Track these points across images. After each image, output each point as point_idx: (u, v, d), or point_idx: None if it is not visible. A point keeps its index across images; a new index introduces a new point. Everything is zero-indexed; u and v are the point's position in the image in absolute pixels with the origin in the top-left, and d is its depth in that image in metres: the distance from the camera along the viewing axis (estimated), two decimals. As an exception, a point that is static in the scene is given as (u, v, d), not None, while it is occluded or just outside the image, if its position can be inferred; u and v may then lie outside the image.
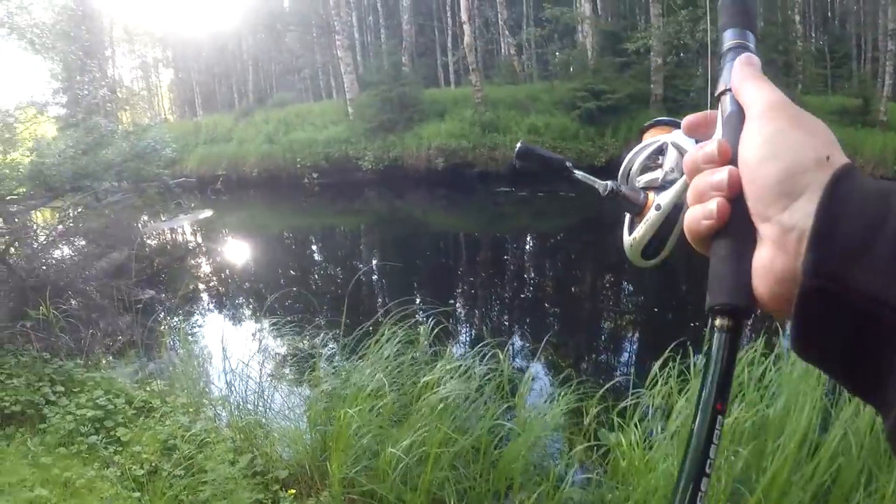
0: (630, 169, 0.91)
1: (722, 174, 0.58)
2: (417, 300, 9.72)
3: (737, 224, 0.57)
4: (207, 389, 5.80)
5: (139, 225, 15.99)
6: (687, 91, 21.45)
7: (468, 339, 8.39)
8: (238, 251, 16.09)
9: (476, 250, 15.08)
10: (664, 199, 0.82)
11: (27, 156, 13.47)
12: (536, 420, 4.19)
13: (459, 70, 32.74)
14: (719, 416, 0.55)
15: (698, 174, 0.61)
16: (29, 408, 5.04)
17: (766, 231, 0.54)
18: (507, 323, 9.81)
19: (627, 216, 0.89)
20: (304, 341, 6.85)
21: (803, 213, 0.51)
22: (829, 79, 26.93)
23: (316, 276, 13.48)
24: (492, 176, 21.15)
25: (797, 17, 25.24)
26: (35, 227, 12.33)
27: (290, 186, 22.80)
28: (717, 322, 0.56)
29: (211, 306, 11.06)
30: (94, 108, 19.16)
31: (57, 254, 9.81)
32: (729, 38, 0.69)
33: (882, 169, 17.50)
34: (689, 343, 4.39)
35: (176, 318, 9.51)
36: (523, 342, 8.45)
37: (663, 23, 21.85)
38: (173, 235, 17.21)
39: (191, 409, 5.27)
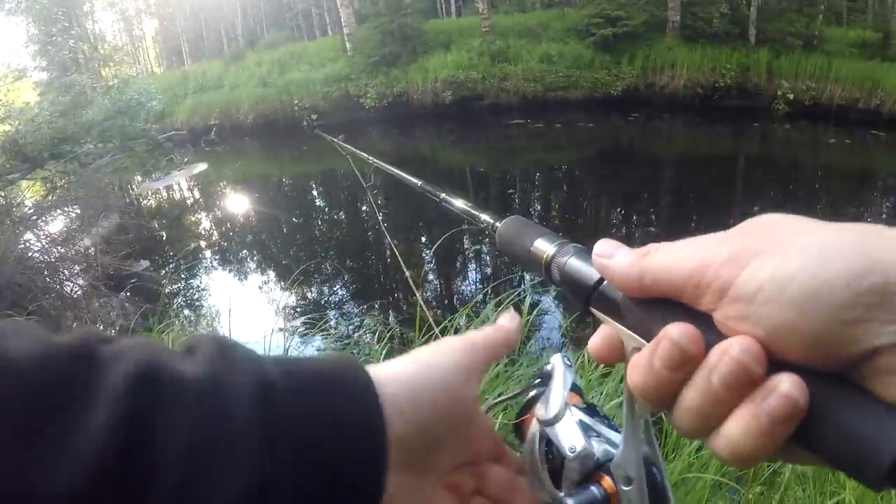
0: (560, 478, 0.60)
1: (733, 354, 0.38)
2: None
3: (821, 387, 0.36)
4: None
5: (133, 186, 14.98)
6: (707, 19, 20.44)
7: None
8: (238, 206, 14.87)
9: (486, 187, 14.06)
10: (626, 465, 0.54)
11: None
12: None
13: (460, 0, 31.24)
14: None
15: (679, 389, 0.41)
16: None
17: (875, 367, 0.35)
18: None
19: None
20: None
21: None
22: (844, 12, 25.70)
23: (323, 229, 12.50)
24: (503, 108, 20.12)
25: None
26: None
27: (288, 130, 21.44)
28: None
29: (213, 275, 9.96)
30: (71, 65, 17.99)
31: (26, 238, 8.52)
32: (545, 246, 0.60)
33: (904, 105, 17.12)
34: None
35: (176, 294, 8.52)
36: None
37: (684, -56, 20.67)
38: (170, 193, 16.06)
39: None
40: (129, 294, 7.23)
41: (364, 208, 13.45)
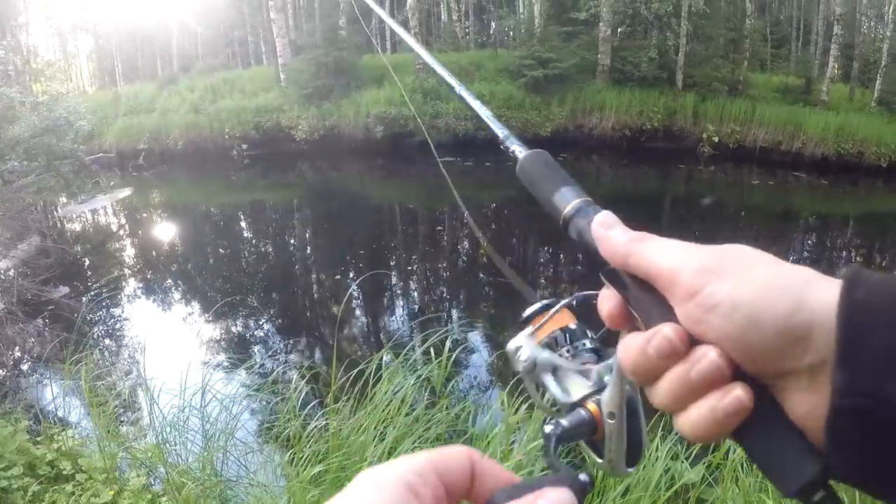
0: (552, 395, 0.67)
1: (711, 358, 0.48)
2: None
3: (758, 400, 0.48)
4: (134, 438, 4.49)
5: (57, 208, 14.72)
6: (636, 63, 21.37)
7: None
8: (162, 235, 14.76)
9: (415, 223, 14.58)
10: (612, 404, 0.62)
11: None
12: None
13: (396, 36, 31.50)
14: None
15: (662, 373, 0.51)
16: None
17: (793, 384, 0.47)
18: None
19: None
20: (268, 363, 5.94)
21: (826, 342, 0.45)
22: (768, 59, 27.55)
23: (250, 260, 12.45)
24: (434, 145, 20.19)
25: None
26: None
27: (218, 159, 21.28)
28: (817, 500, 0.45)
29: (135, 305, 9.82)
30: (1, 77, 17.59)
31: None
32: (567, 200, 0.66)
33: (823, 146, 18.30)
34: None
35: (96, 322, 8.42)
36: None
37: (615, -10, 21.45)
38: (94, 218, 15.80)
39: (109, 476, 3.76)
40: (47, 321, 7.19)
41: (292, 241, 13.48)
